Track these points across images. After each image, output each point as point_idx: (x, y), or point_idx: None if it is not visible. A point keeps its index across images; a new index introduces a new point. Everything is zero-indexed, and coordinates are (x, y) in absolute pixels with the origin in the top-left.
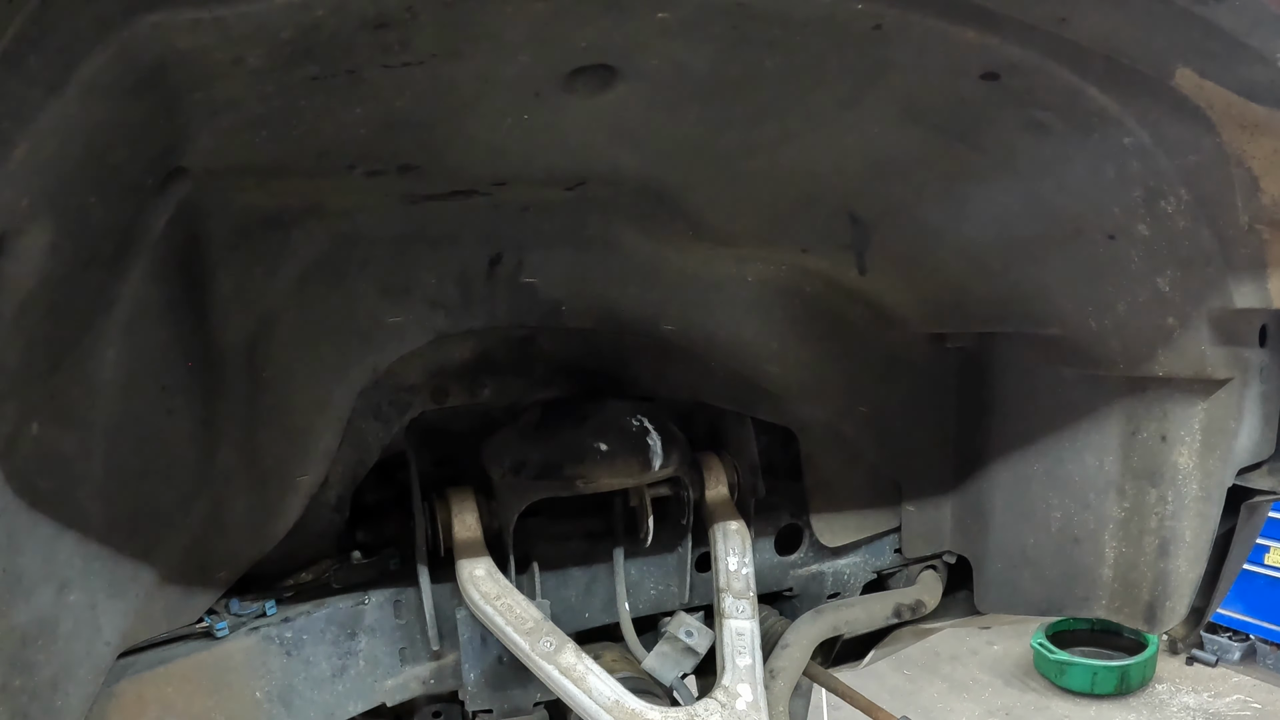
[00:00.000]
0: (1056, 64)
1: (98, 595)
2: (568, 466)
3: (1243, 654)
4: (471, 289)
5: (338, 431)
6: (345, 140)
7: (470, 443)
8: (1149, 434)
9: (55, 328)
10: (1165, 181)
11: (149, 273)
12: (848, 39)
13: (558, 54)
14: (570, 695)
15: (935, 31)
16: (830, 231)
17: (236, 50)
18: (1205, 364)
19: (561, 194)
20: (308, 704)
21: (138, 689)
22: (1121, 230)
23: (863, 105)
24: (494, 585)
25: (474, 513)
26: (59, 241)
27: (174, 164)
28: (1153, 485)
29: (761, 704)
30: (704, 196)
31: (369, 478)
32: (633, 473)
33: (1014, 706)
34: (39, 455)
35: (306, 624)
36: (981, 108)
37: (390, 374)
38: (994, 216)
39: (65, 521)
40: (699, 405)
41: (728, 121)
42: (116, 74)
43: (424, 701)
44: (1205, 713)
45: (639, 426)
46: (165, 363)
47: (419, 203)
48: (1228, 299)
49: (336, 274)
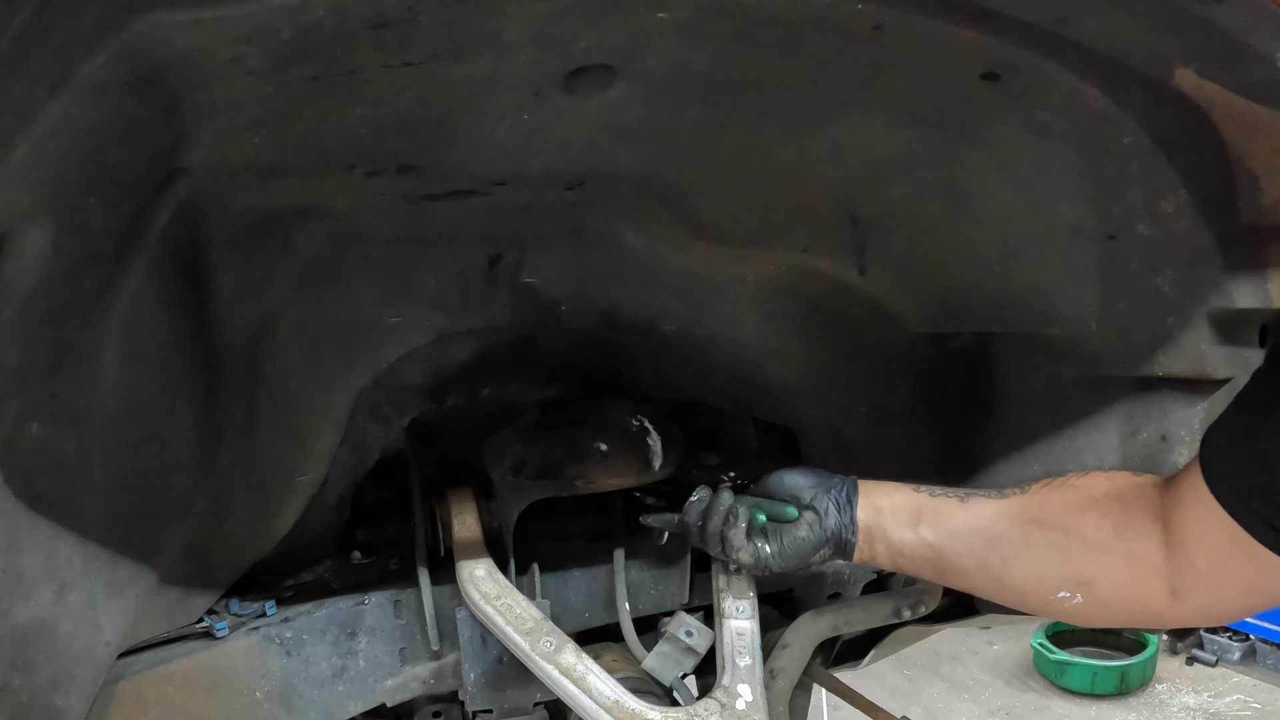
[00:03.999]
0: (1056, 64)
1: (98, 595)
2: (568, 467)
3: (1243, 654)
4: (471, 289)
5: (337, 431)
6: (345, 140)
7: (470, 443)
8: (1149, 434)
9: (55, 327)
10: (1165, 181)
11: (149, 273)
12: (848, 39)
13: (557, 54)
14: (570, 695)
15: (935, 31)
16: (830, 231)
17: (236, 50)
18: (1205, 364)
19: (561, 194)
20: (308, 704)
21: (138, 689)
22: (1121, 230)
23: (863, 105)
24: (494, 585)
25: (474, 513)
26: (59, 241)
27: (174, 164)
28: None
29: (761, 704)
30: (704, 196)
31: (369, 478)
32: (633, 473)
33: (1014, 706)
34: (39, 455)
35: (306, 624)
36: (981, 108)
37: (390, 374)
38: (994, 216)
39: (65, 521)
40: (699, 405)
41: (728, 121)
42: (116, 74)
43: (424, 701)
44: (1205, 713)
45: (639, 426)
46: (165, 363)
47: (419, 203)
48: (1228, 299)
49: (336, 274)
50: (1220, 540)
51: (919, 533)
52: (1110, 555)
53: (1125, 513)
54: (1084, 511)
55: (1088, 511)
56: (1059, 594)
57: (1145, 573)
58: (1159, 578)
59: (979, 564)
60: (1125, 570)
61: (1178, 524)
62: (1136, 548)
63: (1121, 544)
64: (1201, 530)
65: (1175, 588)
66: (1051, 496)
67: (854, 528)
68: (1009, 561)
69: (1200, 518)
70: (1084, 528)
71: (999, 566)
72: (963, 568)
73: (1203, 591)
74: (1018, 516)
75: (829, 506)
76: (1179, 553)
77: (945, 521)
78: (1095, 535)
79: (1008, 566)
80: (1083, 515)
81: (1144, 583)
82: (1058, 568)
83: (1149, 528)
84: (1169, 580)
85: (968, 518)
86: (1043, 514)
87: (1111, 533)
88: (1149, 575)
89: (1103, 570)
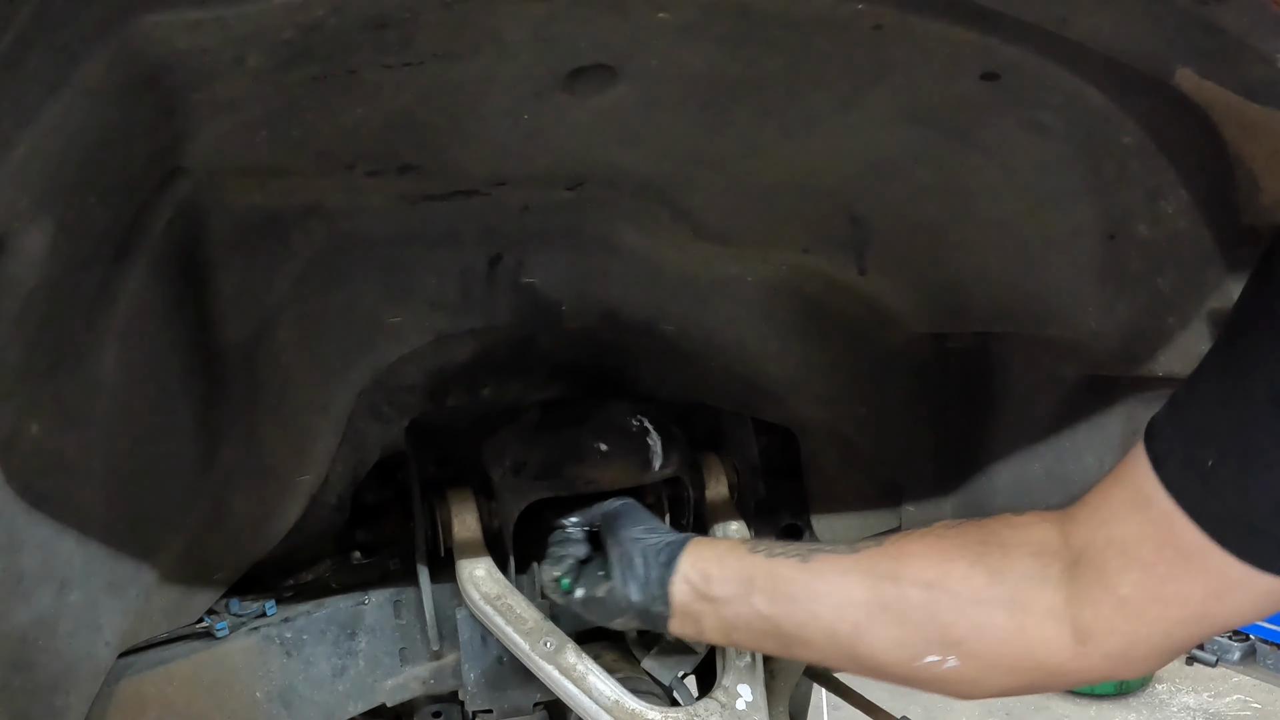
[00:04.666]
0: (1056, 64)
1: (98, 595)
2: (568, 466)
3: (1243, 654)
4: (471, 289)
5: (338, 431)
6: (345, 140)
7: (470, 443)
8: None
9: (55, 328)
10: (1165, 181)
11: (149, 273)
12: (848, 39)
13: (558, 54)
14: (570, 695)
15: (935, 31)
16: (830, 231)
17: (236, 50)
18: None
19: (561, 194)
20: (308, 704)
21: (138, 689)
22: (1121, 230)
23: (863, 105)
24: (494, 585)
25: (474, 513)
26: (59, 241)
27: (174, 164)
28: None
29: (761, 704)
30: (704, 196)
31: (369, 478)
32: (633, 473)
33: (1014, 706)
34: (39, 455)
35: (306, 624)
36: (981, 108)
37: (390, 374)
38: (994, 217)
39: (65, 521)
40: (699, 405)
41: (728, 122)
42: (116, 74)
43: (424, 701)
44: (1205, 713)
45: (639, 426)
46: (165, 363)
47: (419, 203)
48: (1228, 299)
49: (336, 274)
50: (1162, 557)
51: (751, 603)
52: (984, 607)
53: (1004, 557)
54: (949, 562)
55: (954, 561)
56: (925, 659)
57: (1035, 620)
58: (1056, 623)
59: (826, 634)
60: (1006, 622)
61: (1099, 549)
62: (1022, 594)
63: (1000, 592)
64: (1136, 547)
65: (1082, 631)
66: (910, 548)
67: (665, 599)
68: (861, 628)
69: (1138, 530)
70: (949, 580)
71: (849, 635)
72: (808, 639)
73: (1122, 628)
74: (868, 573)
75: (639, 570)
76: (1094, 585)
77: (784, 586)
78: (963, 587)
79: (860, 634)
80: (948, 566)
81: (1034, 632)
82: (920, 629)
83: (1039, 570)
84: (1071, 625)
85: (809, 580)
86: (898, 569)
87: (985, 582)
88: (1040, 623)
89: (975, 625)
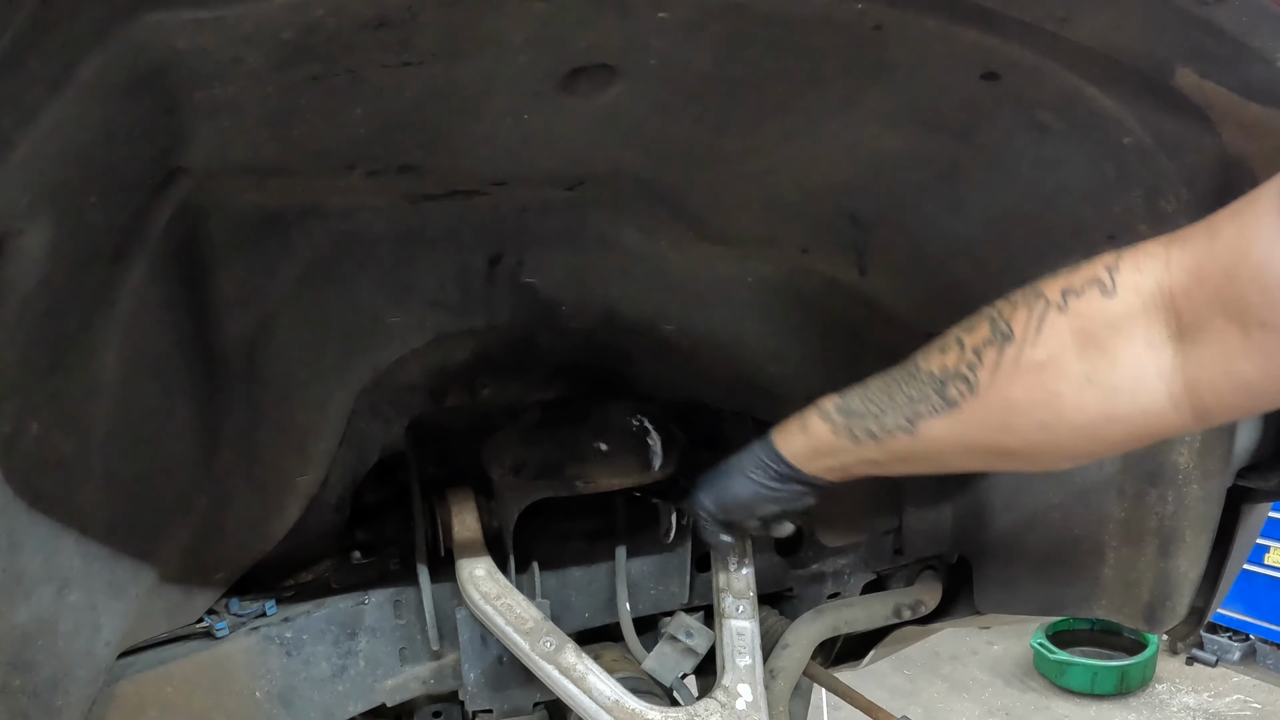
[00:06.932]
0: (1056, 64)
1: (98, 595)
2: (568, 466)
3: (1243, 654)
4: (471, 289)
5: (337, 431)
6: (345, 140)
7: (470, 443)
8: None
9: (55, 328)
10: (1165, 181)
11: (149, 273)
12: (848, 39)
13: (557, 54)
14: (570, 695)
15: (935, 31)
16: (830, 231)
17: (236, 50)
18: None
19: (561, 194)
20: (308, 704)
21: (138, 689)
22: (1121, 230)
23: (863, 105)
24: (494, 585)
25: (474, 513)
26: (59, 241)
27: (174, 164)
28: (1152, 485)
29: (761, 704)
30: (704, 196)
31: (369, 478)
32: (633, 473)
33: (1014, 706)
34: (39, 455)
35: (306, 624)
36: (981, 108)
37: (390, 374)
38: (994, 216)
39: (65, 521)
40: (699, 405)
41: (728, 121)
42: (116, 74)
43: (424, 701)
44: (1205, 713)
45: (639, 426)
46: (165, 363)
47: (419, 203)
48: None
49: (336, 274)
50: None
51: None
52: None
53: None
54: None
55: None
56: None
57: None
58: (1160, 380)
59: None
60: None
61: (1236, 250)
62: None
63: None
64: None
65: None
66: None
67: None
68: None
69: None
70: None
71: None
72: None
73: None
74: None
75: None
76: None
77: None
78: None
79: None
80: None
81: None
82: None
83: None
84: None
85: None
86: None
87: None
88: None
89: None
